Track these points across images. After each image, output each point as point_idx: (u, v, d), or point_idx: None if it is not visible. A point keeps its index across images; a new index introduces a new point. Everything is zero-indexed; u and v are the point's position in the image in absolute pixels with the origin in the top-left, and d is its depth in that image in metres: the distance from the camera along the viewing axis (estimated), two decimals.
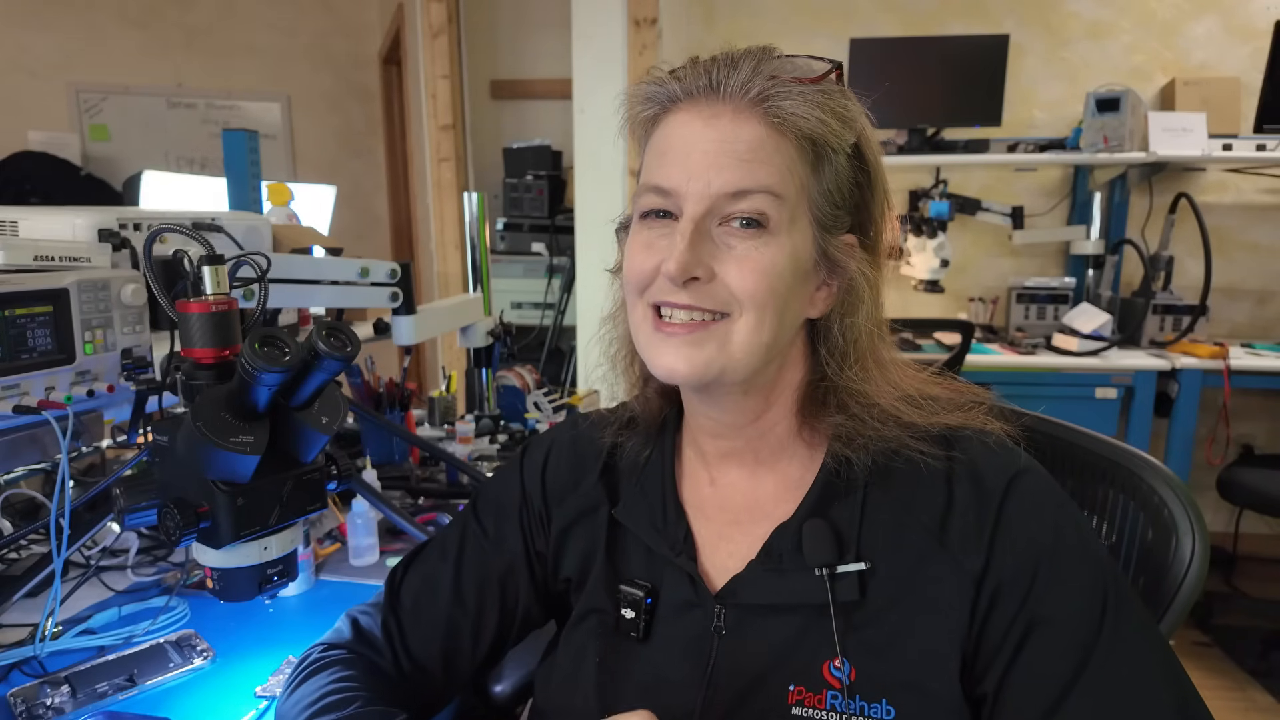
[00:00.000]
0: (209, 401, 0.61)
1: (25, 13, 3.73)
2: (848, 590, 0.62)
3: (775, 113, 0.60)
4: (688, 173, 0.60)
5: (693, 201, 0.60)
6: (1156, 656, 0.58)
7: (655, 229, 0.63)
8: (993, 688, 0.60)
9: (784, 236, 0.61)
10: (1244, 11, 2.99)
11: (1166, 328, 2.83)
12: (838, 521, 0.65)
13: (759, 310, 0.60)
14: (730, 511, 0.71)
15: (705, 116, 0.61)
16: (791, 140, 0.60)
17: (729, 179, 0.59)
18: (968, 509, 0.62)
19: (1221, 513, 3.06)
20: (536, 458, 0.81)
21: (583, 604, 0.74)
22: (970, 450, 0.65)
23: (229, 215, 1.23)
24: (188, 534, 0.64)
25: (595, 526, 0.75)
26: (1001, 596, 0.60)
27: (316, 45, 4.21)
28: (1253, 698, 2.30)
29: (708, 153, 0.60)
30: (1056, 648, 0.58)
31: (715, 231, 0.61)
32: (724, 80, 0.60)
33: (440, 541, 0.81)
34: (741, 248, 0.60)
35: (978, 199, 3.05)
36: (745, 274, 0.60)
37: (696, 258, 0.59)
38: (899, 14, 3.16)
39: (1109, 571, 0.61)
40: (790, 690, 0.62)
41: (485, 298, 1.88)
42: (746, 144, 0.59)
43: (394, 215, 4.44)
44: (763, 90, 0.60)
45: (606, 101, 2.49)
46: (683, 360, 0.61)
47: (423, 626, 0.76)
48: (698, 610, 0.67)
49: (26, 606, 1.00)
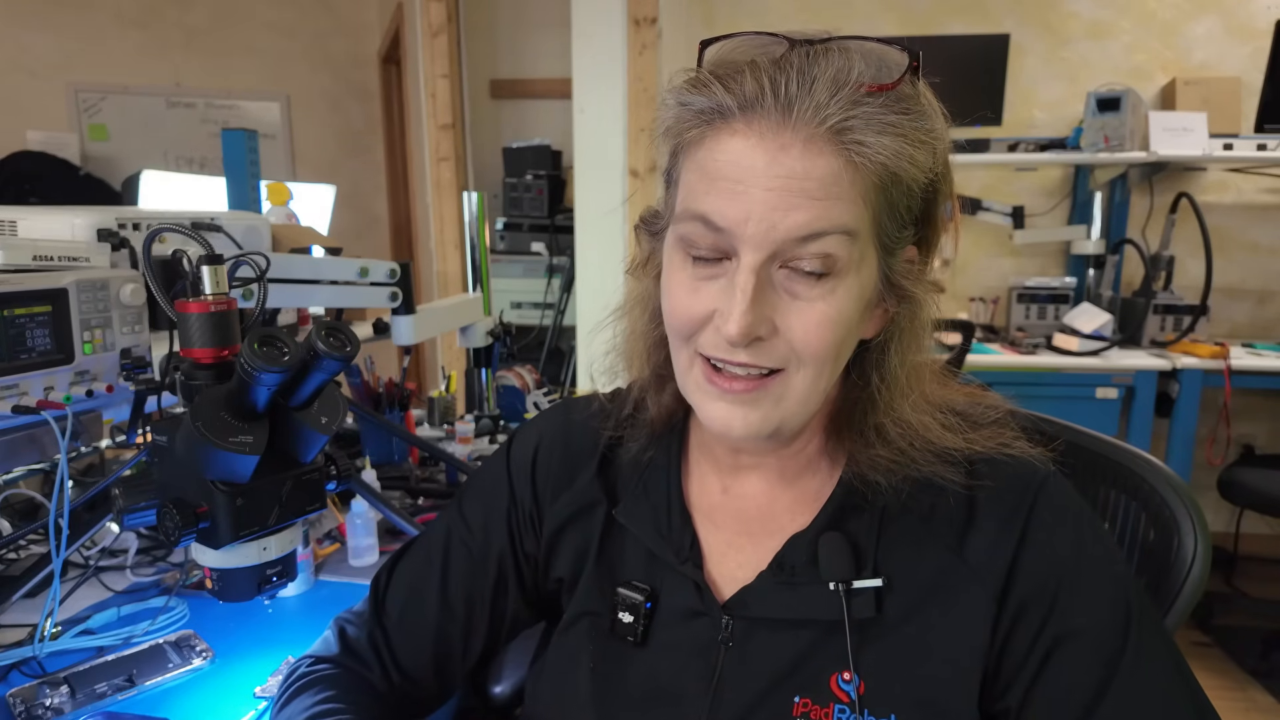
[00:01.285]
0: (208, 401, 0.61)
1: (25, 13, 3.73)
2: (863, 607, 0.60)
3: (857, 150, 0.51)
4: (747, 212, 0.51)
5: (752, 248, 0.52)
6: (1177, 669, 0.58)
7: (702, 269, 0.56)
8: (1016, 703, 0.59)
9: (852, 278, 0.54)
10: (1244, 11, 2.99)
11: (1167, 327, 2.83)
12: (855, 535, 0.62)
13: (819, 364, 0.55)
14: (742, 521, 0.68)
15: (770, 148, 0.51)
16: (872, 171, 0.52)
17: (798, 221, 0.51)
18: (989, 526, 0.61)
19: (1222, 513, 3.06)
20: (524, 452, 0.76)
21: (575, 605, 0.71)
22: (992, 467, 0.62)
23: (228, 215, 1.23)
24: (187, 534, 0.64)
25: (590, 525, 0.72)
26: (1025, 613, 0.59)
27: (316, 45, 4.20)
28: (1253, 698, 2.30)
29: (773, 190, 0.51)
30: (1083, 662, 0.57)
31: (776, 276, 0.54)
32: (795, 101, 0.50)
33: (425, 544, 0.77)
34: (807, 296, 0.53)
35: (978, 199, 3.05)
36: (810, 328, 0.54)
37: (760, 315, 0.53)
38: (898, 13, 3.16)
39: (1131, 584, 0.60)
40: (795, 702, 0.61)
41: (485, 297, 1.88)
42: (819, 181, 0.51)
43: (393, 215, 4.43)
44: (844, 120, 0.50)
45: (607, 101, 2.50)
46: (738, 419, 0.57)
47: (411, 638, 0.74)
48: (704, 619, 0.65)
49: (26, 607, 1.00)
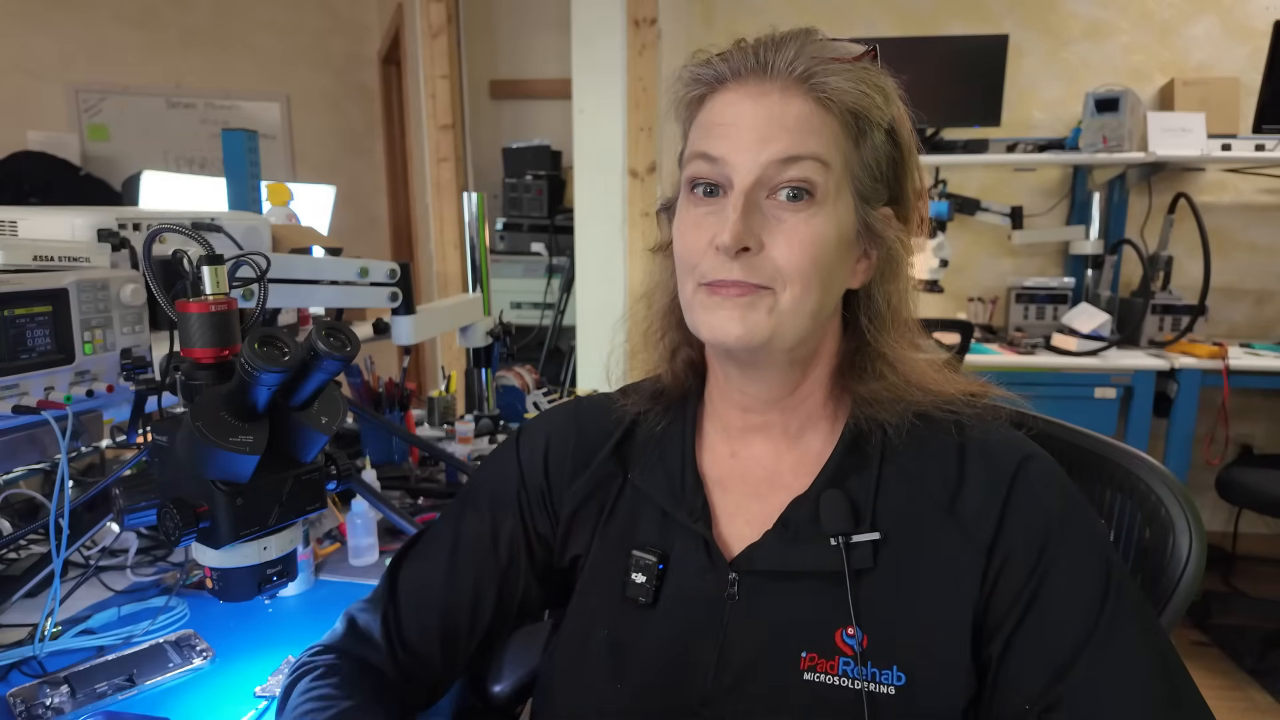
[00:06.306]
0: (208, 401, 0.61)
1: (25, 13, 3.73)
2: (862, 559, 0.64)
3: (821, 88, 0.62)
4: (737, 145, 0.62)
5: (742, 173, 0.62)
6: (1152, 629, 0.62)
7: (704, 206, 0.65)
8: (998, 651, 0.62)
9: (830, 207, 0.62)
10: (1243, 11, 2.99)
11: (1165, 328, 2.83)
12: (854, 493, 0.67)
13: (804, 282, 0.62)
14: (750, 484, 0.72)
15: (753, 95, 0.63)
16: (836, 115, 0.62)
17: (779, 147, 0.61)
18: (979, 484, 0.65)
19: (1220, 513, 3.06)
20: (535, 443, 0.80)
21: (589, 573, 0.75)
22: (982, 430, 0.68)
23: (228, 215, 1.23)
24: (187, 534, 0.64)
25: (606, 496, 0.75)
26: (1010, 565, 0.63)
27: (316, 45, 4.20)
28: (1252, 697, 2.30)
29: (756, 126, 0.62)
30: (1064, 615, 0.61)
31: (764, 204, 0.62)
32: (771, 60, 0.62)
33: (436, 530, 0.80)
34: (790, 220, 0.62)
35: (977, 199, 3.05)
36: (793, 247, 0.61)
37: (748, 228, 0.61)
38: (898, 14, 3.17)
39: (1111, 548, 0.64)
40: (803, 657, 0.64)
41: (485, 298, 1.88)
42: (795, 117, 0.61)
43: (393, 215, 4.43)
44: (808, 68, 0.62)
45: (606, 101, 2.50)
46: (735, 322, 0.62)
47: (421, 613, 0.76)
48: (711, 577, 0.68)
49: (26, 606, 1.00)
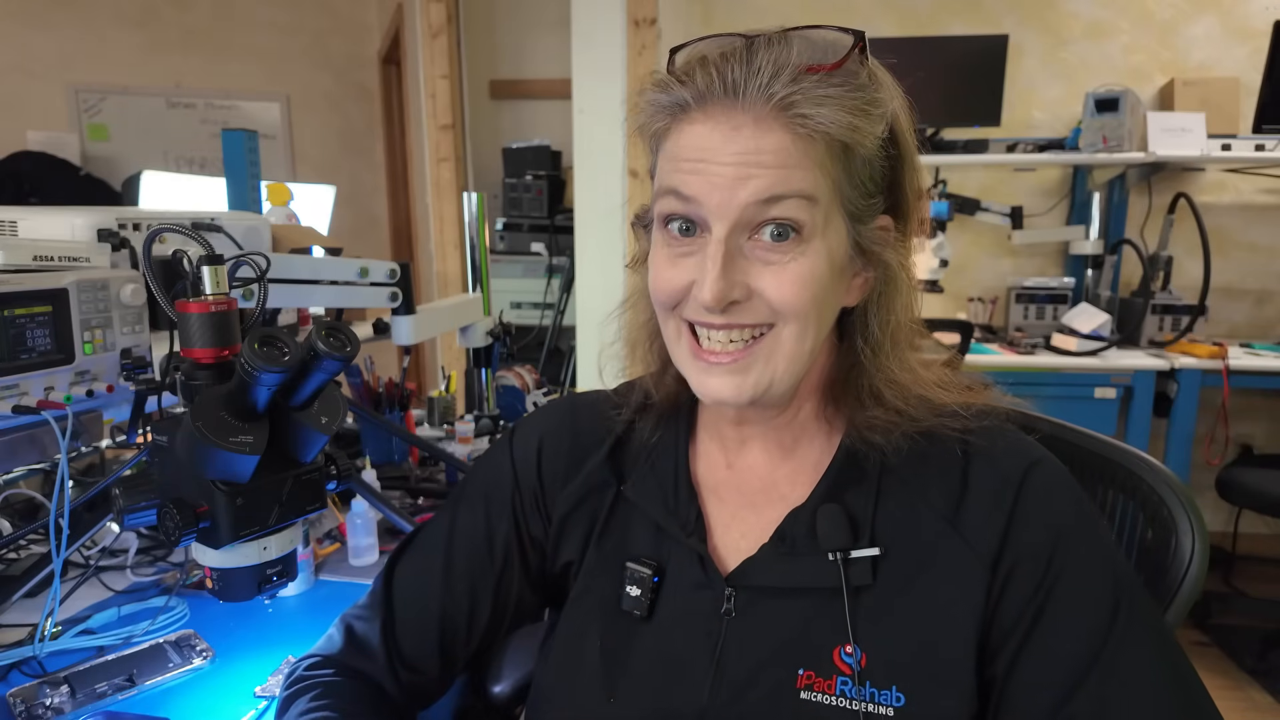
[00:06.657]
0: (208, 401, 0.61)
1: (25, 13, 3.73)
2: (860, 575, 0.62)
3: (801, 122, 0.55)
4: (710, 184, 0.56)
5: (719, 217, 0.57)
6: (1166, 644, 0.59)
7: (680, 246, 0.60)
8: (1004, 669, 0.60)
9: (819, 241, 0.58)
10: (1243, 11, 2.99)
11: (1165, 328, 2.83)
12: (852, 506, 0.64)
13: (801, 320, 0.59)
14: (745, 494, 0.70)
15: (724, 129, 0.56)
16: (820, 142, 0.56)
17: (758, 186, 0.55)
18: (983, 495, 0.62)
19: (1220, 513, 3.06)
20: (529, 442, 0.78)
21: (583, 582, 0.73)
22: (987, 436, 0.65)
23: (228, 215, 1.23)
24: (187, 534, 0.64)
25: (599, 505, 0.73)
26: (1015, 578, 0.60)
27: (316, 45, 4.20)
28: (1252, 697, 2.30)
29: (730, 164, 0.56)
30: (1072, 630, 0.59)
31: (746, 246, 0.58)
32: (741, 83, 0.55)
33: (428, 533, 0.79)
34: (778, 260, 0.57)
35: (977, 199, 3.05)
36: (784, 285, 0.57)
37: (731, 281, 0.57)
38: (898, 14, 3.16)
39: (1121, 558, 0.62)
40: (799, 675, 0.62)
41: (485, 298, 1.88)
42: (772, 152, 0.55)
43: (393, 215, 4.43)
44: (786, 95, 0.55)
45: (606, 101, 2.50)
46: (729, 389, 0.60)
47: (417, 623, 0.75)
48: (707, 592, 0.66)
49: (26, 606, 1.00)
